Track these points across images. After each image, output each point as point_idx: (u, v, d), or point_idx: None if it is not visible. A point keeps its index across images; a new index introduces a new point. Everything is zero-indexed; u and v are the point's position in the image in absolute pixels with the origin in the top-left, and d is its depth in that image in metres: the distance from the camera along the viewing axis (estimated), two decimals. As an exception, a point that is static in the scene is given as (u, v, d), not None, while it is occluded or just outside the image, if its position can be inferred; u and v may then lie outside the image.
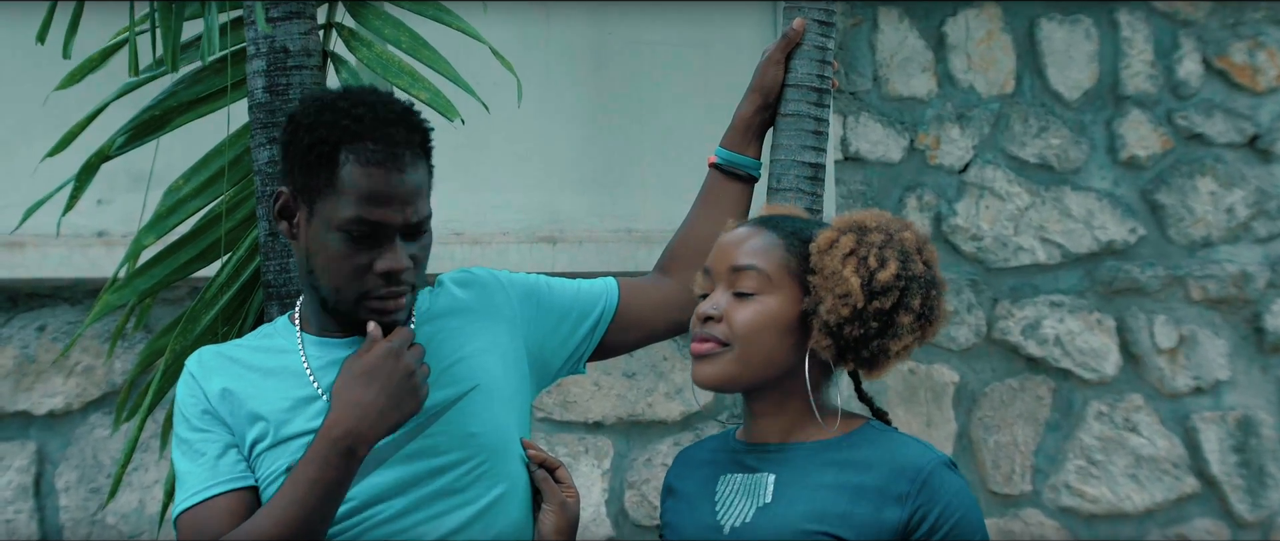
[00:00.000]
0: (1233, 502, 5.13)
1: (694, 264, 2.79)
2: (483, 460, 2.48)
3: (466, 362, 2.52)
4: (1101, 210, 5.14)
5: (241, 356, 2.51)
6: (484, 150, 4.46)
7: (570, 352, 2.71)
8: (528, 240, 4.60)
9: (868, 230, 2.40)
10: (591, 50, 4.78)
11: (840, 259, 2.36)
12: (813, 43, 2.92)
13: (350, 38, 3.11)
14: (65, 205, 3.20)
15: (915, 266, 2.39)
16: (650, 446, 4.74)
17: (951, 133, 5.05)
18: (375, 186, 2.36)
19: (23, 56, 4.39)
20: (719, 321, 2.39)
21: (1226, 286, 5.19)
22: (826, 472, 2.37)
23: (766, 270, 2.39)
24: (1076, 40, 5.17)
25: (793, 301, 2.38)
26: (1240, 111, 5.27)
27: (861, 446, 2.39)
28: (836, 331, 2.36)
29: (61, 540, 4.47)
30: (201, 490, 2.41)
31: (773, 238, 2.42)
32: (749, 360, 2.38)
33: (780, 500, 2.38)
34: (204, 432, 2.45)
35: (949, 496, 2.32)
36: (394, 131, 2.38)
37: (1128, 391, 5.12)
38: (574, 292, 2.72)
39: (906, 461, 2.34)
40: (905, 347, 2.40)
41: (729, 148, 2.89)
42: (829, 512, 2.33)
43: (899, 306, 2.37)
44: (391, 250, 2.38)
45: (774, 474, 2.41)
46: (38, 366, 4.47)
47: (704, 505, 2.46)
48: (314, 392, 2.45)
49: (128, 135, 3.15)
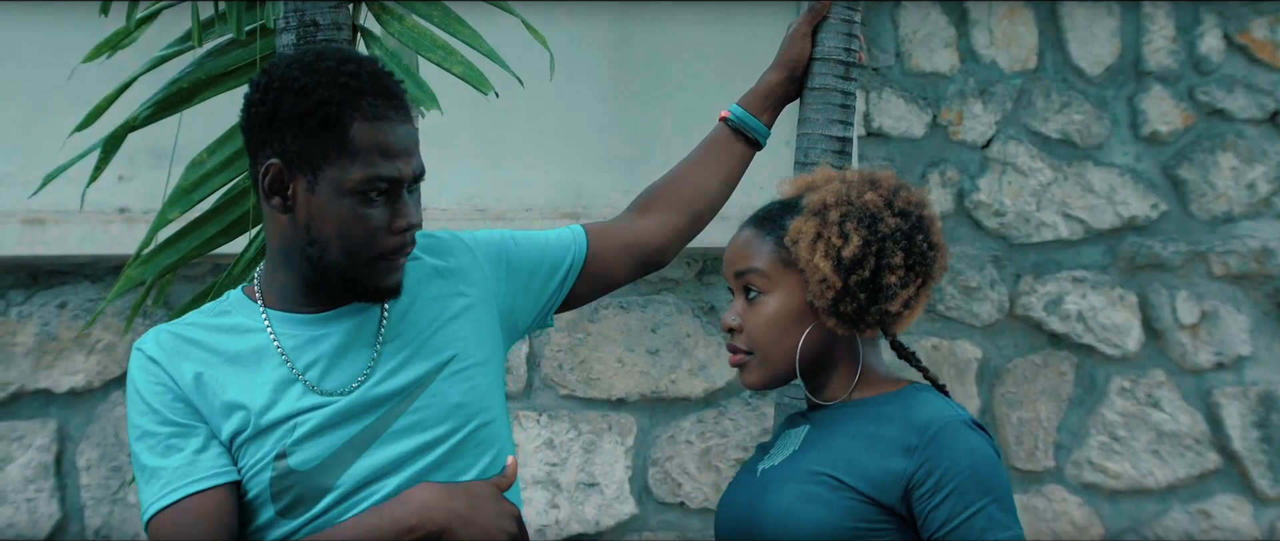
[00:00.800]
0: (1254, 478, 5.12)
1: (679, 208, 2.79)
2: (471, 429, 2.44)
3: (443, 332, 2.47)
4: (1124, 186, 5.12)
5: (201, 338, 2.40)
6: (508, 126, 4.45)
7: (539, 309, 2.67)
8: (551, 217, 4.60)
9: (826, 209, 2.45)
10: (616, 26, 4.78)
11: (807, 247, 2.43)
12: (839, 16, 2.92)
13: (381, 11, 3.10)
14: (89, 177, 3.19)
15: (885, 224, 2.43)
16: (673, 423, 4.74)
17: (974, 108, 5.03)
18: (386, 141, 2.30)
19: (45, 30, 4.40)
20: (739, 331, 2.48)
21: (1248, 262, 5.18)
22: (851, 424, 2.43)
23: (763, 269, 2.47)
24: (1098, 16, 5.16)
25: (797, 290, 2.45)
26: (1261, 87, 5.25)
27: (889, 403, 2.44)
28: (834, 310, 2.42)
29: (82, 519, 4.47)
30: (181, 487, 2.31)
31: (762, 236, 2.49)
32: (775, 359, 2.47)
33: (805, 446, 2.46)
34: (178, 425, 2.34)
35: (959, 454, 2.33)
36: (388, 83, 2.34)
37: (1150, 367, 5.11)
38: (542, 246, 2.67)
39: (920, 415, 2.38)
40: (908, 300, 2.46)
41: (745, 108, 2.87)
42: (839, 458, 2.39)
43: (880, 269, 2.41)
44: (404, 205, 2.33)
45: (810, 427, 2.49)
46: (59, 344, 4.47)
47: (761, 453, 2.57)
48: (290, 375, 2.37)
49: (154, 108, 3.14)
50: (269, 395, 2.36)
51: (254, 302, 2.43)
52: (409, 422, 2.40)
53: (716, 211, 2.85)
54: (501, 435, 2.51)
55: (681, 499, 4.71)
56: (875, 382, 2.49)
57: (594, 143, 4.73)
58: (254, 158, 2.35)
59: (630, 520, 4.69)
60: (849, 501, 2.35)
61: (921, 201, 2.50)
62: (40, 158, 4.07)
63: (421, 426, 2.41)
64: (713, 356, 4.75)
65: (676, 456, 4.70)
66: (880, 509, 2.35)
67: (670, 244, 2.79)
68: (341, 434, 2.37)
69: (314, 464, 2.36)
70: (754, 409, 4.76)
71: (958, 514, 2.31)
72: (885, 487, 2.34)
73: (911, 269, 2.44)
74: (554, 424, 4.64)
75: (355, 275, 2.35)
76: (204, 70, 3.13)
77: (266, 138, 2.32)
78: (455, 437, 2.42)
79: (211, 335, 2.40)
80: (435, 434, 2.41)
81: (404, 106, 2.33)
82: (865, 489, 2.35)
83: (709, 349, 4.76)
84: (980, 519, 2.31)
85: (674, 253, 2.81)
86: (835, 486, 2.36)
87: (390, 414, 2.39)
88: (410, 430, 2.40)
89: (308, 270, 2.37)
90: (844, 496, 2.35)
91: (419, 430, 2.41)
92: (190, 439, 2.34)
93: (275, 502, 2.36)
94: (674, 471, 4.71)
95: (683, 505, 4.72)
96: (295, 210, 2.33)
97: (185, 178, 3.16)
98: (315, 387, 2.37)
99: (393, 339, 2.43)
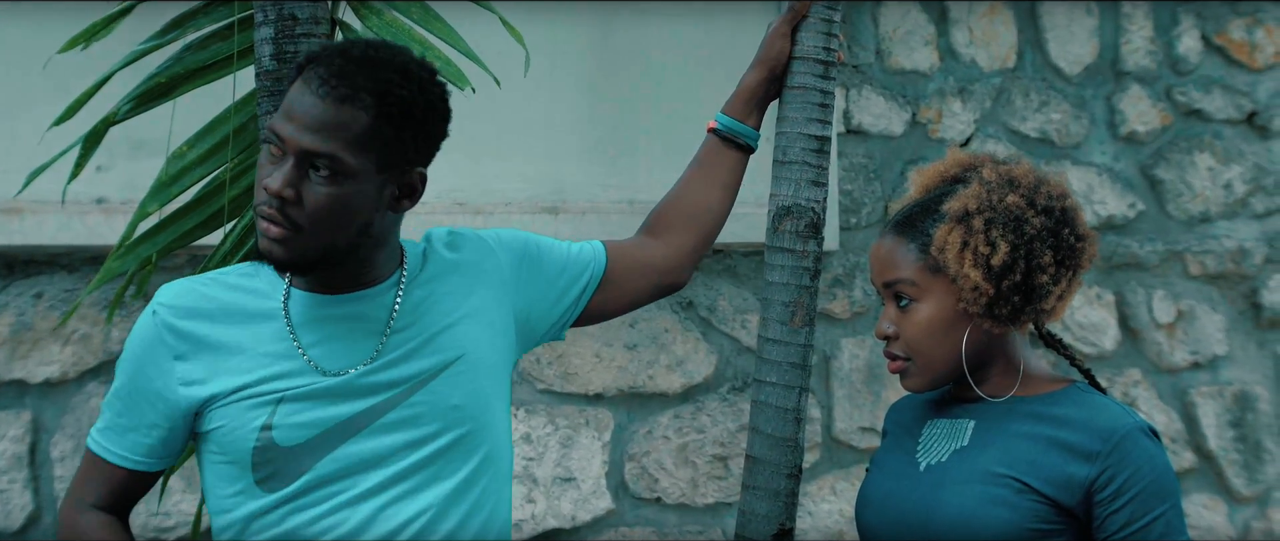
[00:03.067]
0: (1229, 477, 5.14)
1: (684, 227, 2.81)
2: (464, 432, 2.45)
3: (453, 330, 2.48)
4: (1101, 185, 5.14)
5: (218, 294, 2.45)
6: (487, 120, 4.45)
7: (557, 317, 2.68)
8: (530, 211, 4.59)
9: (970, 216, 2.45)
10: (595, 21, 4.77)
11: (955, 257, 2.43)
12: (819, 15, 2.92)
13: (360, 6, 3.10)
14: (70, 172, 3.19)
15: (1030, 226, 2.43)
16: (651, 418, 4.74)
17: (953, 106, 5.04)
18: (291, 102, 2.31)
19: (22, 22, 4.38)
20: (895, 338, 2.49)
21: (1224, 262, 5.19)
22: (1024, 423, 2.44)
23: (912, 278, 2.47)
24: (1077, 15, 5.17)
25: (949, 294, 2.46)
26: (1238, 88, 5.27)
27: (1062, 404, 2.45)
28: (989, 313, 2.44)
29: (56, 510, 4.46)
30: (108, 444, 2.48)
31: (905, 244, 2.49)
32: (933, 364, 2.48)
33: (976, 445, 2.46)
34: (134, 404, 2.45)
35: (1140, 461, 2.36)
36: (339, 62, 2.32)
37: (1126, 366, 5.13)
38: (564, 255, 2.69)
39: (1103, 421, 2.40)
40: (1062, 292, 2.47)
41: (730, 115, 2.88)
42: (1019, 459, 2.40)
43: (1031, 270, 2.42)
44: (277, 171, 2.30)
45: (974, 421, 2.50)
46: (34, 334, 4.45)
47: (908, 444, 2.57)
48: (292, 347, 2.40)
49: (134, 102, 3.14)
50: (265, 361, 2.39)
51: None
52: (401, 417, 2.41)
53: (723, 222, 2.87)
54: (496, 440, 2.51)
55: (658, 494, 4.71)
56: (1037, 378, 2.51)
57: (574, 138, 4.73)
58: None
59: (606, 515, 4.69)
60: (1033, 503, 2.38)
61: (1063, 192, 2.50)
62: (18, 149, 4.06)
63: (413, 422, 2.41)
64: (690, 352, 4.76)
65: (653, 451, 4.70)
66: (1060, 510, 2.38)
67: (682, 264, 2.82)
68: (330, 414, 2.38)
69: (298, 441, 2.37)
70: (732, 404, 4.76)
71: (1137, 519, 2.36)
72: (1068, 489, 2.38)
73: (1062, 264, 2.44)
74: (531, 418, 4.64)
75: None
76: (183, 64, 3.13)
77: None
78: (444, 439, 2.43)
79: (229, 293, 2.44)
80: (425, 432, 2.42)
81: (338, 88, 2.29)
82: (1050, 492, 2.38)
83: (687, 344, 4.75)
84: (1159, 525, 2.36)
85: (689, 271, 2.84)
86: (1020, 489, 2.39)
87: (384, 404, 2.40)
88: (401, 424, 2.41)
89: None
90: (1028, 498, 2.38)
91: (410, 426, 2.41)
92: (136, 414, 2.44)
93: (255, 472, 2.39)
94: (651, 467, 4.71)
95: (659, 500, 4.72)
96: None
97: (165, 171, 3.16)
98: (313, 363, 2.39)
99: (402, 329, 2.44)
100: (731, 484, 4.72)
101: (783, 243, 2.87)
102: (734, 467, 4.73)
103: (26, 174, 3.22)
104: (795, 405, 2.85)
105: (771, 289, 2.89)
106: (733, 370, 4.80)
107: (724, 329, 4.80)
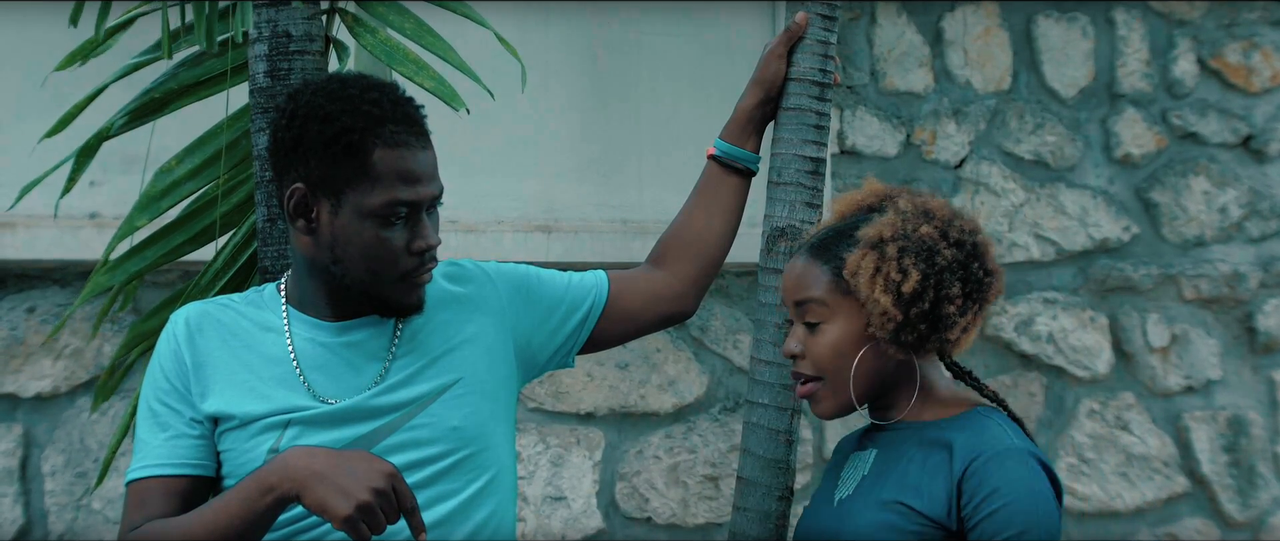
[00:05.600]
0: (1223, 502, 5.13)
1: (687, 256, 2.82)
2: (466, 453, 2.48)
3: (452, 355, 2.52)
4: (1096, 208, 5.14)
5: (230, 320, 2.50)
6: (480, 139, 4.44)
7: (558, 345, 2.71)
8: (523, 229, 4.59)
9: (884, 243, 2.47)
10: (589, 40, 4.77)
11: (866, 281, 2.45)
12: (815, 37, 2.91)
13: (354, 23, 3.09)
14: (63, 186, 3.19)
15: (942, 257, 2.46)
16: (642, 438, 4.74)
17: (948, 128, 5.04)
18: (407, 167, 2.38)
19: (16, 35, 4.37)
20: (802, 357, 2.51)
21: (1219, 286, 5.19)
22: (919, 449, 2.46)
23: (822, 298, 2.49)
24: (1073, 38, 5.17)
25: (857, 317, 2.48)
26: (1234, 111, 5.27)
27: (953, 427, 2.46)
28: (894, 339, 2.45)
29: (46, 525, 4.44)
30: (156, 465, 2.43)
31: (819, 265, 2.51)
32: (841, 385, 2.49)
33: (875, 473, 2.49)
34: (170, 409, 2.45)
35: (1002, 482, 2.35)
36: (409, 110, 2.42)
37: (1120, 389, 5.12)
38: (564, 285, 2.72)
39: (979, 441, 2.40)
40: (967, 325, 2.48)
41: (728, 140, 2.88)
42: (908, 484, 2.42)
43: (939, 300, 2.44)
44: (423, 227, 2.41)
45: (877, 450, 2.52)
46: (26, 348, 4.44)
47: (833, 477, 2.61)
48: (294, 374, 2.45)
49: (128, 116, 3.15)
50: (268, 389, 2.43)
51: (279, 297, 2.52)
52: (403, 439, 2.45)
53: (727, 247, 2.88)
54: (500, 462, 2.54)
55: (649, 514, 4.71)
56: (939, 402, 2.52)
57: (566, 155, 4.72)
58: (280, 181, 2.44)
59: (597, 534, 4.68)
60: (919, 527, 2.39)
61: (974, 229, 2.53)
62: (10, 162, 4.05)
63: (415, 444, 2.45)
64: (682, 372, 4.75)
65: (644, 471, 4.69)
66: (946, 533, 2.39)
67: (686, 292, 2.83)
68: (336, 437, 2.41)
69: None
70: (723, 425, 4.75)
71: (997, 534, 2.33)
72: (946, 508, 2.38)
73: (969, 296, 2.47)
74: (522, 436, 4.63)
75: (379, 293, 2.43)
76: (177, 80, 3.13)
77: (292, 162, 2.40)
78: (448, 460, 2.47)
79: (241, 319, 2.50)
80: (427, 453, 2.45)
81: (424, 132, 2.42)
82: (932, 513, 2.39)
83: (678, 364, 4.75)
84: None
85: (695, 300, 2.85)
86: (906, 513, 2.40)
87: (386, 427, 2.44)
88: (403, 446, 2.44)
89: (331, 284, 2.45)
90: (914, 522, 2.39)
91: (412, 447, 2.45)
92: (175, 422, 2.44)
93: None
94: (641, 486, 4.70)
95: (650, 520, 4.71)
96: (319, 232, 2.42)
97: (154, 185, 3.16)
98: (315, 391, 2.44)
99: (404, 355, 2.49)
100: (722, 504, 4.71)
101: (776, 264, 2.87)
102: (725, 488, 4.72)
103: (19, 187, 3.22)
104: (787, 427, 2.85)
105: (764, 310, 2.89)
106: (724, 390, 4.79)
107: (716, 349, 4.79)
